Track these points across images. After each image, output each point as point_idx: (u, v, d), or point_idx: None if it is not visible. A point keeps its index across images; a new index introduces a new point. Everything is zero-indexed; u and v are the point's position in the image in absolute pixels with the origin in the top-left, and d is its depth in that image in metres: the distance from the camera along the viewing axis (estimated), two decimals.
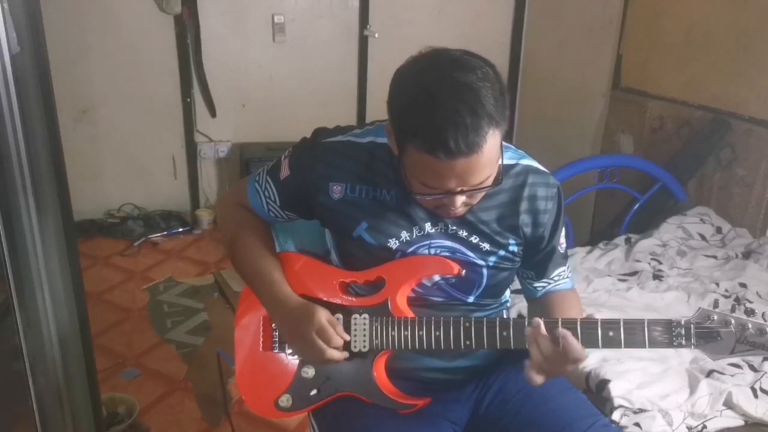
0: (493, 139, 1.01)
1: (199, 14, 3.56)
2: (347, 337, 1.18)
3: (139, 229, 3.62)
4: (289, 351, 1.27)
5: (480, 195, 1.13)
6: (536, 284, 1.31)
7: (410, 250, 1.21)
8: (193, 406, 2.28)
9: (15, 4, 1.26)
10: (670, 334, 1.09)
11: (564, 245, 1.30)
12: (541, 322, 1.09)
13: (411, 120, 1.03)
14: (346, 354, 1.19)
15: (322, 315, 1.17)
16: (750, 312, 1.08)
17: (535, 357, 1.09)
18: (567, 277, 1.32)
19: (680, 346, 1.09)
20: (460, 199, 1.09)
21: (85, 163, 3.59)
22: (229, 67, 3.73)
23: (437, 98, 1.00)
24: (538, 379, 1.10)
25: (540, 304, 1.31)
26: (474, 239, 1.21)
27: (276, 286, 1.24)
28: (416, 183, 1.08)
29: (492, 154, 1.03)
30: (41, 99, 1.39)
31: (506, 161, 1.21)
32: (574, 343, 1.06)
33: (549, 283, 1.30)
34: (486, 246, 1.21)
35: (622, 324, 1.10)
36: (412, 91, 1.03)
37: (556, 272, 1.30)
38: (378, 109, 3.98)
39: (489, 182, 1.08)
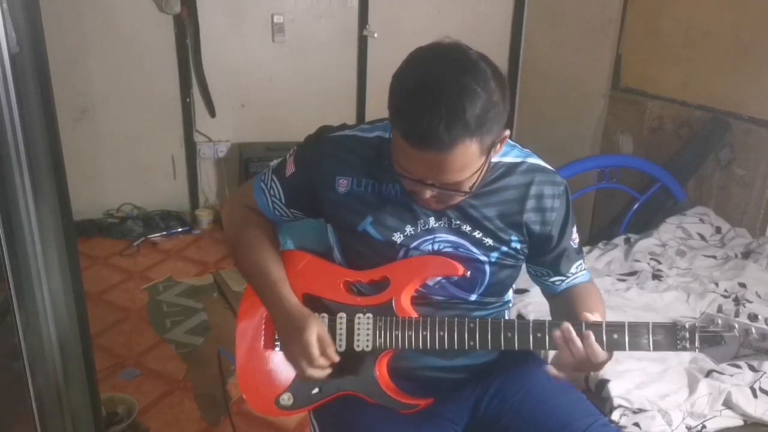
0: (465, 147, 1.01)
1: (199, 14, 3.56)
2: (336, 359, 1.17)
3: (138, 229, 3.62)
4: None
5: (455, 198, 1.13)
6: (554, 279, 1.31)
7: (414, 244, 1.22)
8: (192, 406, 2.28)
9: (14, 3, 1.26)
10: (674, 337, 1.09)
11: (577, 240, 1.30)
12: (570, 326, 1.10)
13: (397, 103, 1.04)
14: (327, 372, 1.18)
15: (314, 331, 1.15)
16: (754, 317, 1.08)
17: (566, 359, 1.10)
18: (584, 270, 1.32)
19: (684, 349, 1.09)
20: (429, 192, 1.10)
21: (85, 163, 3.59)
22: (229, 67, 3.73)
23: (430, 90, 1.00)
24: (560, 375, 1.12)
25: (563, 300, 1.31)
26: (477, 234, 1.21)
27: (277, 286, 1.23)
28: (396, 163, 1.10)
29: (463, 160, 1.03)
30: (41, 99, 1.39)
31: (512, 159, 1.22)
32: (594, 345, 1.09)
33: (567, 278, 1.30)
34: (489, 241, 1.22)
35: (626, 327, 1.10)
36: (407, 77, 1.04)
37: (574, 266, 1.30)
38: (378, 109, 3.96)
39: (462, 188, 1.09)
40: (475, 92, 1.00)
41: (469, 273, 1.20)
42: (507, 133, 1.10)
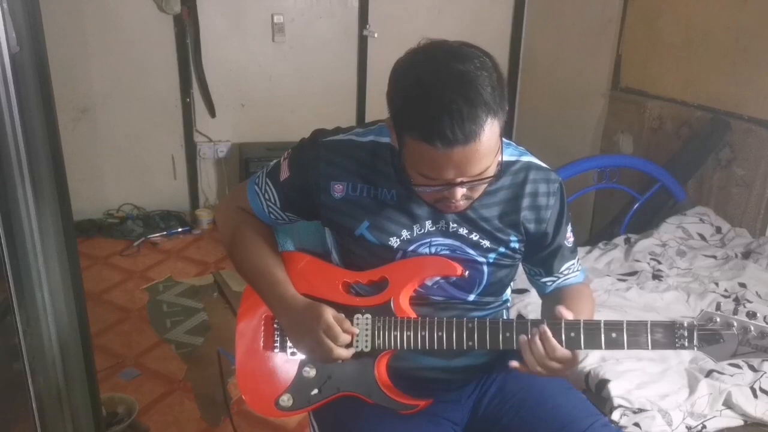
0: (490, 128, 1.01)
1: (199, 14, 3.56)
2: (356, 331, 1.18)
3: (138, 229, 3.62)
4: (291, 350, 1.27)
5: (481, 188, 1.12)
6: (545, 280, 1.31)
7: (411, 248, 1.21)
8: (192, 406, 2.28)
9: (15, 3, 1.26)
10: (672, 336, 1.09)
11: (572, 239, 1.29)
12: (525, 338, 1.11)
13: (409, 111, 1.04)
14: (353, 351, 1.18)
15: (329, 313, 1.17)
16: (752, 315, 1.08)
17: (527, 358, 1.11)
18: (577, 271, 1.32)
19: (683, 347, 1.09)
20: (460, 192, 1.08)
21: (85, 163, 3.59)
22: (229, 67, 3.73)
23: (434, 88, 1.00)
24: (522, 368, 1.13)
25: (551, 300, 1.30)
26: (474, 236, 1.21)
27: (280, 286, 1.24)
28: (416, 175, 1.08)
29: (490, 143, 1.03)
30: (41, 99, 1.39)
31: (507, 158, 1.21)
32: (551, 340, 1.09)
33: (558, 278, 1.30)
34: (486, 243, 1.22)
35: (625, 326, 1.10)
36: (409, 82, 1.04)
37: (565, 267, 1.30)
38: (378, 108, 3.98)
39: (489, 173, 1.07)
40: (478, 74, 1.01)
41: (467, 273, 1.20)
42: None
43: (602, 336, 1.10)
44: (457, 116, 0.98)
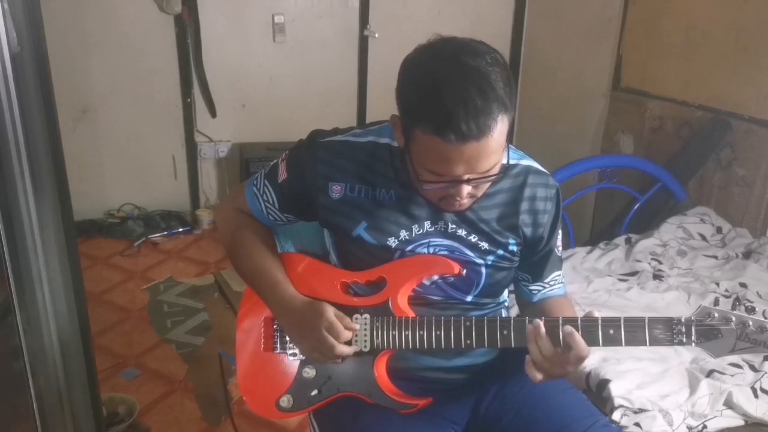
0: (502, 123, 1.01)
1: (199, 14, 3.56)
2: (356, 327, 1.18)
3: (139, 229, 3.62)
4: (291, 352, 1.27)
5: (485, 186, 1.12)
6: (531, 287, 1.31)
7: (409, 248, 1.21)
8: (193, 406, 2.28)
9: (15, 3, 1.26)
10: (670, 331, 1.09)
11: (560, 248, 1.30)
12: (541, 323, 1.09)
13: (421, 104, 1.03)
14: (356, 348, 1.18)
15: (330, 311, 1.17)
16: (750, 309, 1.08)
17: (535, 356, 1.10)
18: (561, 283, 1.32)
19: (681, 343, 1.09)
20: (466, 189, 1.08)
21: (85, 163, 3.59)
22: (229, 67, 3.73)
23: (447, 82, 1.00)
24: (538, 375, 1.11)
25: (536, 310, 1.30)
26: (473, 238, 1.21)
27: (280, 286, 1.24)
28: (423, 171, 1.08)
29: (500, 139, 1.03)
30: (41, 99, 1.39)
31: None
32: (579, 341, 1.07)
33: (544, 287, 1.30)
34: (485, 245, 1.21)
35: (622, 322, 1.10)
36: (421, 76, 1.04)
37: (552, 276, 1.30)
38: (378, 109, 3.98)
39: (495, 171, 1.07)
40: (490, 69, 1.01)
41: (465, 272, 1.20)
42: None
43: (600, 333, 1.10)
44: (472, 110, 0.98)
